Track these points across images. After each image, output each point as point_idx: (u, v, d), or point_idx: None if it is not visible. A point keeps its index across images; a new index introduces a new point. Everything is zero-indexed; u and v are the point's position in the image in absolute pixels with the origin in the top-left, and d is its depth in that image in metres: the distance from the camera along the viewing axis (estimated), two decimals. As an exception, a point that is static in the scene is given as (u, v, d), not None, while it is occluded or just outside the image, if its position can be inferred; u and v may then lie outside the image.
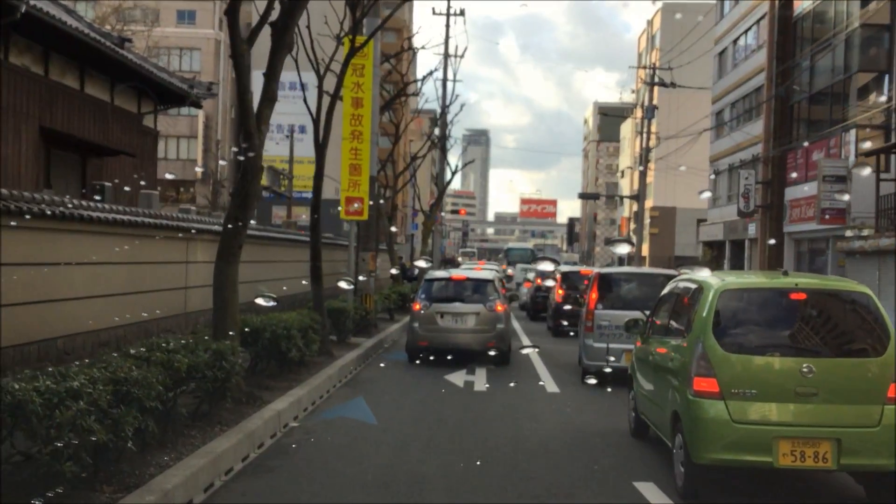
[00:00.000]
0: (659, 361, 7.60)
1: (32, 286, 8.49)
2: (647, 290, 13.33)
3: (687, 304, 7.44)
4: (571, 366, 14.28)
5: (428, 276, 14.60)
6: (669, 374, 7.16)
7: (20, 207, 7.83)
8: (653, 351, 7.90)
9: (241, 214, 8.26)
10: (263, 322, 9.80)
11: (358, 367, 13.07)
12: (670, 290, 8.08)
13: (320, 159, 12.87)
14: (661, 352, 7.57)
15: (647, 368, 8.09)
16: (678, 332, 7.34)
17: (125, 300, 12.45)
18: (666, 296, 8.26)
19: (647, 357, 8.08)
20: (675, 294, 7.84)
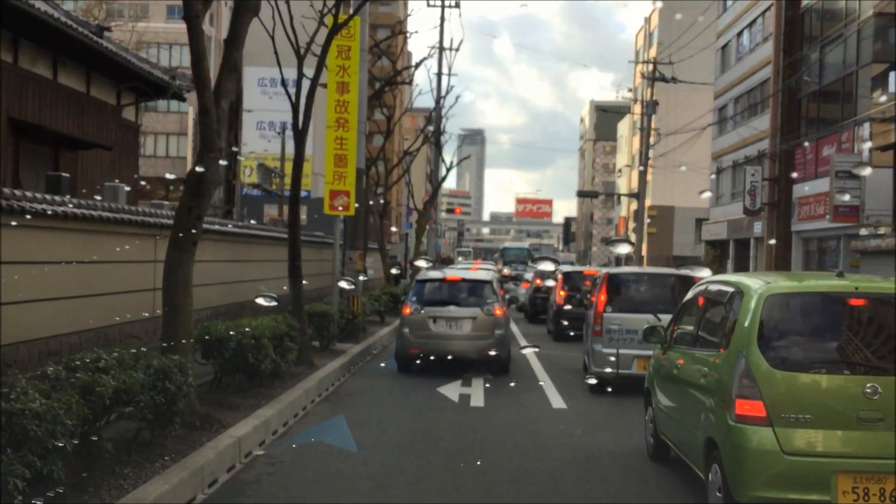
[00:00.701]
0: (686, 377, 6.40)
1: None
2: (658, 292, 12.23)
3: (721, 311, 6.24)
4: (576, 374, 13.08)
5: (419, 276, 13.36)
6: (701, 393, 5.96)
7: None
8: (677, 364, 6.69)
9: (196, 202, 7.02)
10: (229, 330, 8.55)
11: (341, 378, 11.83)
12: (698, 294, 6.87)
13: (299, 147, 11.63)
14: (689, 366, 6.37)
15: (670, 384, 6.88)
16: (711, 344, 6.13)
17: (81, 304, 11.19)
18: (692, 300, 7.04)
19: (671, 371, 6.86)
20: (705, 298, 6.62)
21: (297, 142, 11.62)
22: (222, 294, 17.18)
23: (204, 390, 8.72)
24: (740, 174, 36.54)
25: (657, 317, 11.53)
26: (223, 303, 17.22)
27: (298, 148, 11.62)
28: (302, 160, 11.64)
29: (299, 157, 11.60)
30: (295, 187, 11.66)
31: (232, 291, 17.83)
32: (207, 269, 16.33)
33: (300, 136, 11.59)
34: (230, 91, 7.39)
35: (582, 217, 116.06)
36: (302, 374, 10.66)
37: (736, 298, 5.84)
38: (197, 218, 7.09)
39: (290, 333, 10.45)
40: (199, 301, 16.10)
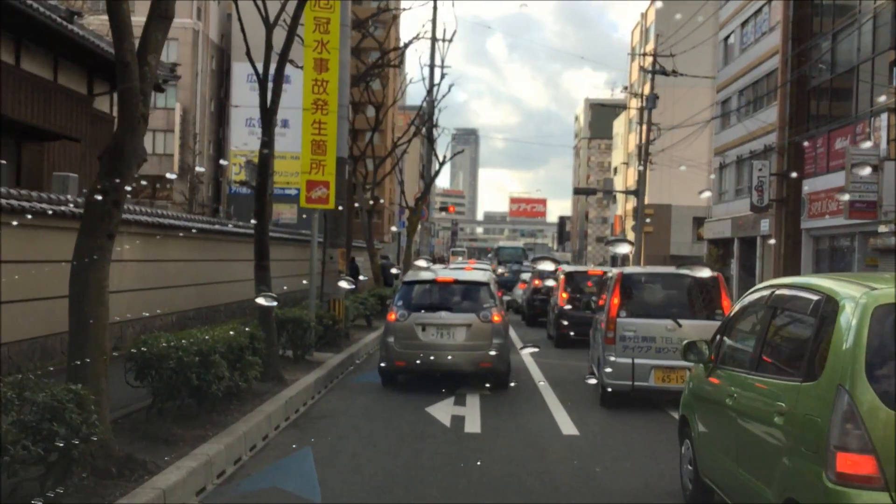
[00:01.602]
0: (747, 410, 4.85)
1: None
2: (678, 294, 10.77)
3: (799, 325, 4.70)
4: (584, 386, 11.56)
5: (406, 277, 11.77)
6: (774, 435, 4.42)
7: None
8: (731, 392, 5.13)
9: (112, 184, 5.45)
10: (170, 343, 6.96)
11: (316, 395, 10.25)
12: (758, 301, 5.31)
13: (268, 129, 10.05)
14: (752, 396, 4.82)
15: (721, 416, 5.32)
16: (784, 370, 4.59)
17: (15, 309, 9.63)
18: (748, 309, 5.50)
19: (721, 399, 5.30)
20: (771, 308, 5.05)
21: (265, 123, 10.04)
22: (191, 297, 15.60)
23: (138, 419, 7.14)
24: (745, 169, 35.06)
25: (677, 322, 10.16)
26: (192, 307, 15.65)
27: (266, 130, 10.05)
28: (271, 143, 10.07)
29: (269, 140, 10.02)
30: (262, 175, 10.08)
31: (203, 294, 16.26)
32: (173, 269, 14.80)
33: (269, 118, 10.02)
34: (159, 44, 5.81)
35: (577, 216, 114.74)
36: (268, 392, 9.09)
37: (824, 309, 4.30)
38: (114, 204, 5.51)
39: (254, 345, 8.87)
40: (164, 305, 14.62)
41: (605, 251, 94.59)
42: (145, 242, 13.27)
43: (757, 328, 5.09)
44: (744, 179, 35.59)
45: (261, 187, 9.99)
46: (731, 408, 5.01)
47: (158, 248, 13.87)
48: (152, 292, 13.75)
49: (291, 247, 22.69)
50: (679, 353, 10.40)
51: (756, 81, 34.47)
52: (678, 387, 10.02)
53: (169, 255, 14.29)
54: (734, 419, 4.95)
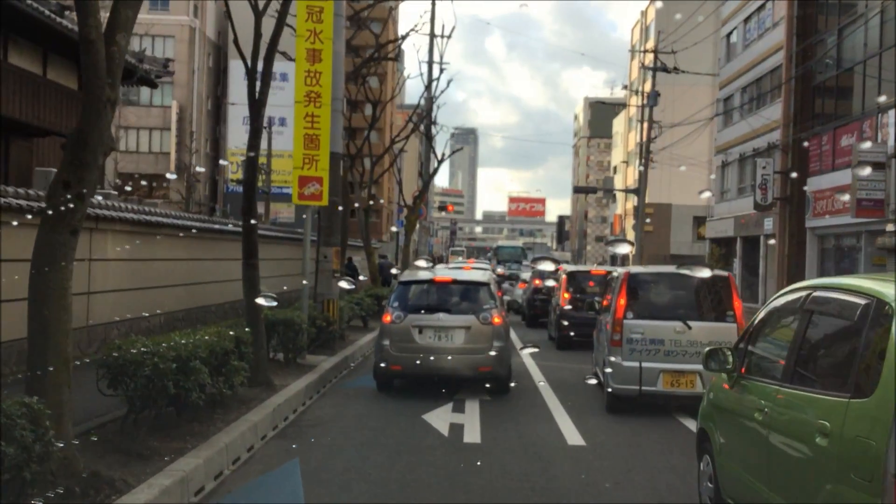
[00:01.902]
0: (779, 426, 4.33)
1: None
2: (686, 295, 10.32)
3: (841, 333, 4.19)
4: (588, 392, 11.06)
5: (402, 277, 11.24)
6: (813, 458, 3.90)
7: None
8: (760, 405, 4.60)
9: (75, 175, 4.93)
10: (146, 349, 6.43)
11: (307, 401, 9.73)
12: (790, 305, 4.78)
13: (256, 121, 9.52)
14: (787, 412, 4.29)
15: (745, 430, 4.79)
16: (826, 382, 4.07)
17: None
18: (780, 313, 4.96)
19: (749, 413, 4.76)
20: (805, 311, 4.50)
21: (254, 115, 9.51)
22: (181, 297, 15.07)
23: (112, 431, 6.62)
24: (748, 167, 34.55)
25: (686, 324, 9.69)
26: (182, 307, 15.11)
27: (255, 122, 9.52)
28: (258, 135, 9.54)
29: (255, 132, 9.49)
30: (250, 169, 9.55)
31: (193, 294, 15.73)
32: (161, 268, 14.26)
33: (257, 109, 9.49)
34: (129, 22, 5.29)
35: (576, 215, 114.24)
36: (255, 399, 8.56)
37: (874, 315, 3.78)
38: (77, 197, 4.98)
39: (240, 349, 8.35)
40: (152, 305, 14.10)
41: (605, 251, 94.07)
42: (131, 241, 12.75)
43: (790, 335, 4.56)
44: (746, 178, 35.08)
45: (248, 181, 9.46)
46: (762, 423, 4.48)
47: (145, 246, 13.34)
48: (139, 293, 13.22)
49: (286, 246, 22.16)
50: (688, 356, 10.03)
51: (759, 78, 33.96)
52: (687, 392, 9.57)
53: (157, 254, 13.76)
54: (765, 437, 4.43)
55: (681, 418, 9.46)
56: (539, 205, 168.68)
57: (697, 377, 9.61)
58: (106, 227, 11.86)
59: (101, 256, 11.80)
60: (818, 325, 4.29)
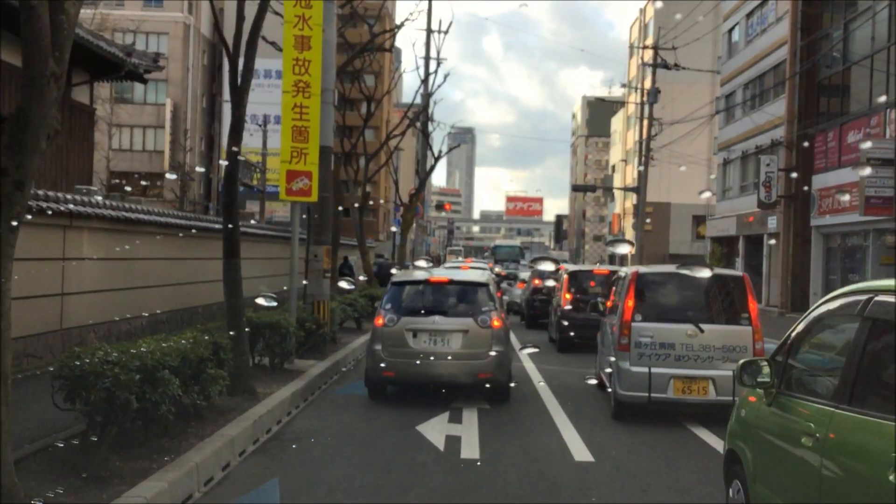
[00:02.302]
0: (836, 455, 3.65)
1: None
2: (697, 296, 9.73)
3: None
4: (592, 398, 10.44)
5: (396, 277, 10.57)
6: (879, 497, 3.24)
7: None
8: (806, 427, 3.93)
9: (13, 160, 4.27)
10: (109, 357, 5.77)
11: (293, 411, 9.06)
12: (845, 311, 4.09)
13: (237, 111, 8.86)
14: (845, 439, 3.63)
15: (787, 456, 4.12)
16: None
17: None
18: (831, 320, 4.28)
19: (795, 437, 4.07)
20: (867, 320, 3.78)
21: (235, 104, 8.85)
22: (165, 298, 14.38)
23: (71, 449, 5.95)
24: (750, 165, 33.96)
25: (698, 327, 9.08)
26: (165, 309, 14.42)
27: (237, 112, 8.85)
28: (241, 128, 8.89)
29: (237, 122, 8.83)
30: (232, 160, 8.89)
31: (178, 295, 15.04)
32: (144, 268, 13.59)
33: (239, 96, 8.83)
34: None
35: (574, 214, 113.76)
36: (234, 410, 7.91)
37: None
38: (16, 185, 4.32)
39: (219, 356, 7.70)
40: (132, 307, 13.43)
41: (603, 250, 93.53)
42: (110, 239, 12.08)
43: (846, 347, 3.89)
44: (749, 175, 34.48)
45: (230, 175, 8.79)
46: (813, 450, 3.82)
47: (126, 244, 12.67)
48: (119, 293, 12.55)
49: (277, 244, 21.50)
50: (701, 361, 9.42)
51: (762, 74, 33.34)
52: (700, 399, 8.98)
53: (138, 253, 13.08)
54: (816, 467, 3.77)
55: (692, 427, 8.86)
56: (536, 204, 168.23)
57: (710, 383, 9.03)
58: (81, 225, 11.19)
59: (77, 255, 11.13)
60: (884, 336, 3.62)
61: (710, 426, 8.79)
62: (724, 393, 8.98)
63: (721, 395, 8.99)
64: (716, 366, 9.09)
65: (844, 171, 25.04)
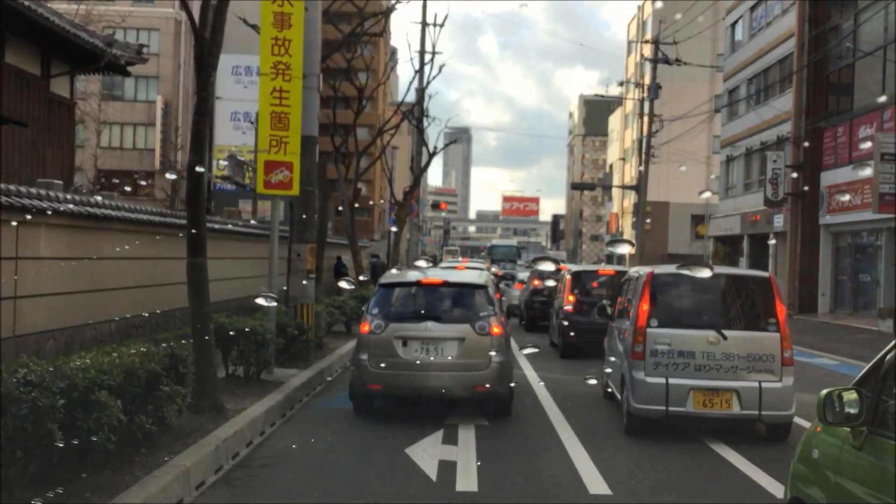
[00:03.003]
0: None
1: None
2: (719, 300, 8.87)
3: None
4: (601, 410, 9.46)
5: (384, 279, 9.52)
6: None
7: None
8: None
9: None
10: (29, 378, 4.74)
11: (267, 429, 8.02)
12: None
13: (204, 88, 7.82)
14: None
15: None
16: None
17: None
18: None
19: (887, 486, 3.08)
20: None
21: (201, 79, 7.82)
22: (136, 301, 13.29)
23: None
24: (755, 162, 33.01)
25: (721, 333, 8.12)
26: (137, 312, 13.34)
27: (203, 89, 7.82)
28: (207, 107, 7.85)
29: (202, 103, 7.79)
30: (198, 147, 7.83)
31: (153, 297, 13.94)
32: (113, 268, 12.51)
33: (205, 72, 7.80)
34: None
35: (571, 214, 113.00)
36: (197, 431, 6.87)
37: None
38: None
39: (178, 369, 6.67)
40: (99, 311, 12.36)
41: (601, 250, 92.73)
42: (72, 236, 11.02)
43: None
44: (753, 173, 33.53)
45: (195, 162, 7.75)
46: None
47: (92, 243, 11.63)
48: (84, 296, 11.47)
49: (263, 244, 20.42)
50: (723, 371, 8.44)
51: (767, 68, 32.37)
52: (722, 413, 8.05)
53: (105, 252, 12.03)
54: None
55: (713, 445, 7.97)
56: (533, 204, 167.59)
57: (734, 396, 8.10)
58: (39, 221, 10.13)
59: (33, 255, 10.08)
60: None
61: (734, 444, 7.93)
62: (749, 407, 8.09)
63: (746, 409, 8.10)
64: (740, 376, 8.19)
65: (854, 167, 24.07)
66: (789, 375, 8.30)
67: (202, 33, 7.92)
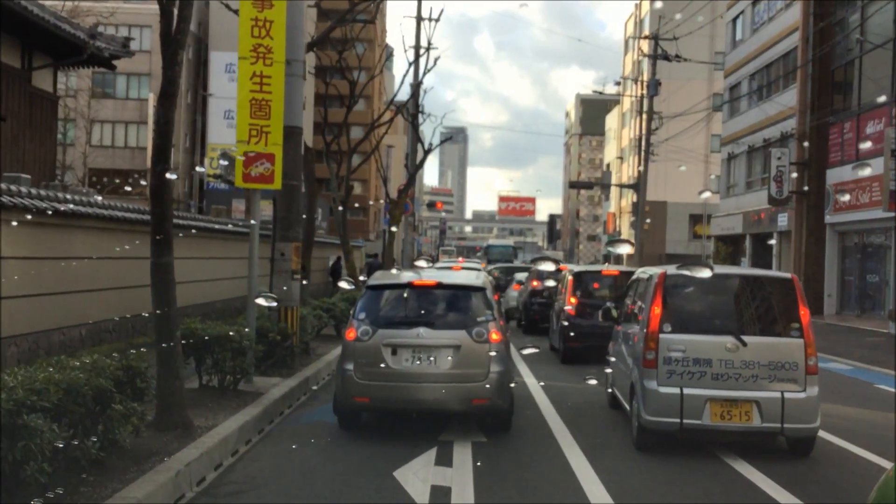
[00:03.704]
0: None
1: None
2: (738, 303, 8.23)
3: None
4: (610, 422, 8.73)
5: (372, 280, 8.71)
6: None
7: None
8: None
9: None
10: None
11: (241, 448, 7.22)
12: None
13: (170, 69, 7.02)
14: None
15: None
16: None
17: None
18: None
19: None
20: None
21: (167, 60, 7.02)
22: (111, 304, 12.48)
23: None
24: (757, 159, 32.29)
25: (740, 339, 7.46)
26: (111, 316, 12.53)
27: (169, 70, 7.02)
28: (174, 89, 7.04)
29: (168, 84, 6.99)
30: (161, 133, 7.02)
31: (128, 300, 13.10)
32: (85, 269, 11.72)
33: (172, 51, 7.00)
34: None
35: (567, 214, 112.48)
36: (159, 452, 6.08)
37: None
38: None
39: (135, 383, 5.88)
40: (69, 314, 11.57)
41: (598, 250, 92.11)
42: (37, 235, 10.22)
43: None
44: (756, 170, 32.81)
45: (159, 149, 6.94)
46: None
47: (60, 241, 10.83)
48: (50, 299, 10.67)
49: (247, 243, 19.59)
50: (743, 380, 7.70)
51: (770, 63, 31.64)
52: (741, 426, 7.35)
53: (75, 251, 11.22)
54: None
55: (732, 462, 7.27)
56: (529, 204, 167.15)
57: (754, 407, 7.41)
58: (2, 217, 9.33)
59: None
60: None
61: (755, 460, 7.24)
62: (771, 419, 7.39)
63: (767, 422, 7.41)
64: (761, 386, 7.49)
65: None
66: (814, 385, 7.61)
67: (168, 7, 7.13)
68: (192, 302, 14.91)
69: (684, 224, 62.18)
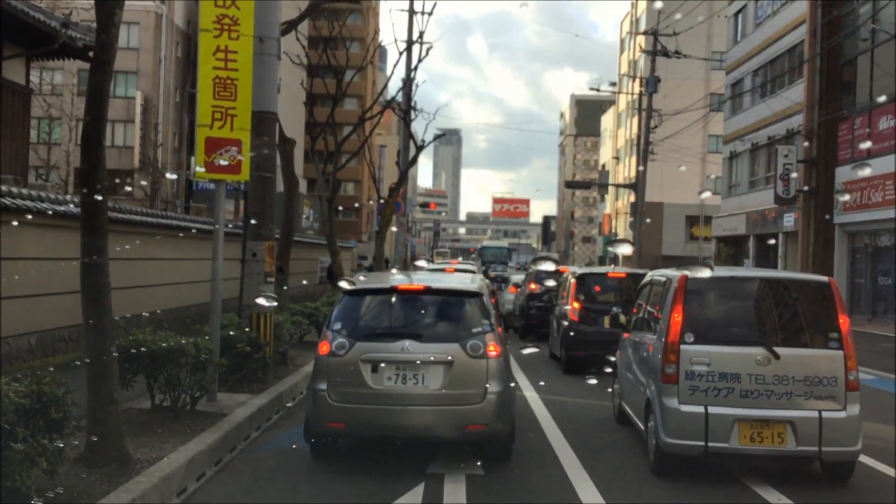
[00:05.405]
0: None
1: None
2: (768, 309, 7.35)
3: None
4: (621, 442, 7.67)
5: (353, 285, 7.53)
6: None
7: None
8: None
9: None
10: None
11: (190, 485, 6.06)
12: None
13: (105, 32, 5.87)
14: None
15: None
16: None
17: None
18: None
19: None
20: None
21: (102, 22, 5.87)
22: (68, 309, 11.30)
23: None
24: (761, 157, 31.25)
25: (772, 351, 6.54)
26: (68, 323, 11.34)
27: (103, 33, 5.87)
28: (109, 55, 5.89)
29: (103, 51, 5.84)
30: (95, 106, 5.86)
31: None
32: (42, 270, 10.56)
33: (108, 11, 5.85)
34: None
35: (562, 215, 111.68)
36: (78, 499, 4.91)
37: None
38: None
39: (49, 415, 4.73)
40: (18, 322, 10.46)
41: (592, 252, 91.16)
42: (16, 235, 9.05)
43: None
44: (759, 169, 31.76)
45: (91, 134, 5.78)
46: None
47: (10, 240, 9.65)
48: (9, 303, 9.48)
49: (234, 243, 18.45)
50: (776, 397, 6.56)
51: (775, 58, 30.58)
52: (774, 449, 6.37)
53: (23, 252, 10.04)
54: None
55: (762, 491, 6.38)
56: (523, 206, 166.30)
57: (788, 428, 6.45)
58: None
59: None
60: None
61: (787, 489, 6.34)
62: (807, 442, 6.41)
63: (803, 445, 6.42)
64: (796, 404, 6.51)
65: (876, 161, 22.28)
66: (855, 402, 6.61)
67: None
68: (165, 306, 13.83)
69: (681, 225, 61.55)
